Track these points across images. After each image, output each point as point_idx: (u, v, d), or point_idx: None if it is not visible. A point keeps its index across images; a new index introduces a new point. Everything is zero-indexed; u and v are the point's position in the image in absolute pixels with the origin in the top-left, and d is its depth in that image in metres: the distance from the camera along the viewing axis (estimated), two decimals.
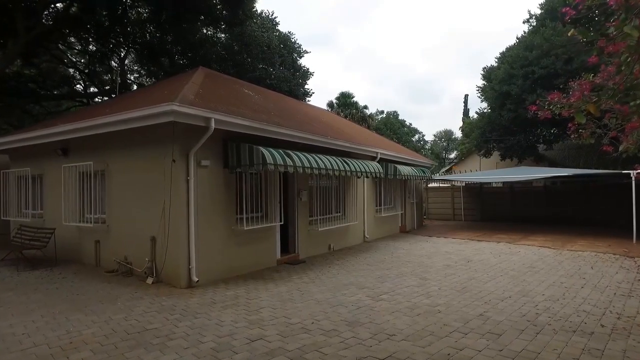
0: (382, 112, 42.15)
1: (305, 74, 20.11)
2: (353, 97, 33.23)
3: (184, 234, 6.94)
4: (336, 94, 34.06)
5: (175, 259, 6.98)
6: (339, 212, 11.84)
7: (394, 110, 50.51)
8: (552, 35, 17.91)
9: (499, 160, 24.13)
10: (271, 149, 7.60)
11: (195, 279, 6.99)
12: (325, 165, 8.96)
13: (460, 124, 44.88)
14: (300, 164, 8.09)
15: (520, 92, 18.73)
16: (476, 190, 21.77)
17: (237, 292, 6.74)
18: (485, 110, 23.97)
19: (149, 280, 7.08)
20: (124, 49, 21.20)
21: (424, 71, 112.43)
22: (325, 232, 10.67)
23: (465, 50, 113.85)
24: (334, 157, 9.68)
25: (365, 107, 33.56)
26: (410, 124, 46.33)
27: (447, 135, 60.91)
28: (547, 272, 8.29)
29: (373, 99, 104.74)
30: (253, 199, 8.52)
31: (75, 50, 23.10)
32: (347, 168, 9.90)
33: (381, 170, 11.88)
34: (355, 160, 10.61)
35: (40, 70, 19.91)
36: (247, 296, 6.47)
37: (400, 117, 43.71)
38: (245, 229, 7.92)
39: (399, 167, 13.88)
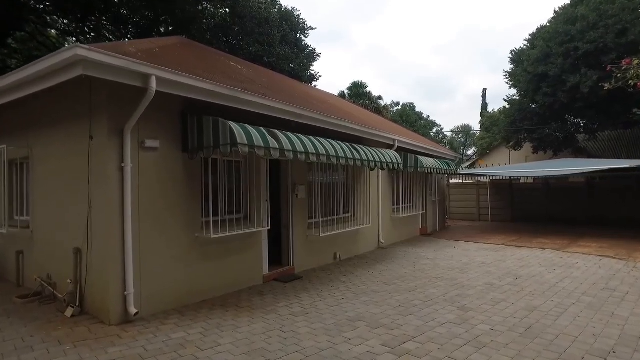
0: (398, 103, 39.56)
1: (311, 55, 17.74)
2: (366, 87, 30.73)
3: (115, 245, 4.77)
4: (347, 88, 31.62)
5: (102, 281, 4.83)
6: (348, 213, 9.58)
7: (410, 101, 47.78)
8: (601, 3, 15.23)
9: (530, 153, 21.45)
10: (247, 126, 5.37)
11: (132, 310, 4.81)
12: (327, 151, 6.70)
13: (477, 120, 42.64)
14: (291, 148, 5.85)
15: (560, 72, 16.12)
16: (505, 187, 19.15)
17: (188, 333, 4.53)
18: (514, 97, 21.34)
19: (69, 312, 4.93)
20: (117, 34, 19.33)
21: (435, 68, 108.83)
22: (329, 238, 8.42)
23: (477, 47, 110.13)
24: (339, 142, 7.42)
25: (380, 97, 30.99)
26: (428, 117, 43.54)
27: (465, 130, 58.01)
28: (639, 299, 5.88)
29: (385, 96, 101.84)
30: (228, 196, 6.34)
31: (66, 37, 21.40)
32: (357, 156, 7.62)
33: (400, 161, 9.56)
34: (367, 148, 8.33)
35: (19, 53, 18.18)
36: (200, 342, 4.26)
37: (416, 110, 41.05)
38: (214, 236, 5.72)
39: (421, 158, 11.53)
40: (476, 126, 50.21)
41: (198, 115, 5.46)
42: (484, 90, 49.04)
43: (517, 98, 20.68)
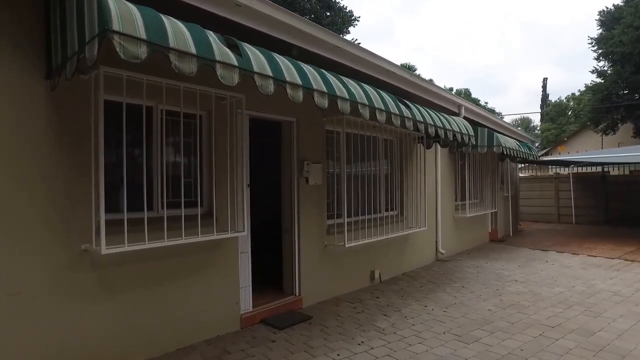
0: (451, 89, 35.11)
1: (347, 18, 14.51)
2: (415, 69, 26.96)
3: None
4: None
5: None
6: (393, 210, 6.40)
7: (465, 87, 42.84)
8: None
9: (627, 137, 16.87)
10: (153, 10, 2.40)
11: None
12: (353, 96, 3.60)
13: (535, 114, 40.33)
14: (271, 74, 2.80)
15: None
16: (595, 181, 14.95)
17: None
18: (606, 69, 16.93)
19: None
20: None
21: (486, 64, 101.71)
22: (362, 249, 5.33)
23: (533, 40, 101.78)
24: (377, 89, 4.29)
25: (431, 80, 27.20)
26: (487, 103, 38.74)
27: (524, 123, 52.71)
28: None
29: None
30: (168, 176, 3.45)
31: None
32: (407, 113, 4.45)
33: (471, 133, 6.22)
34: (422, 107, 5.13)
35: None
36: None
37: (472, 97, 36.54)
38: (107, 251, 2.85)
39: (498, 135, 8.03)
40: (535, 120, 46.35)
41: None
42: (545, 80, 44.16)
43: (612, 68, 16.32)
